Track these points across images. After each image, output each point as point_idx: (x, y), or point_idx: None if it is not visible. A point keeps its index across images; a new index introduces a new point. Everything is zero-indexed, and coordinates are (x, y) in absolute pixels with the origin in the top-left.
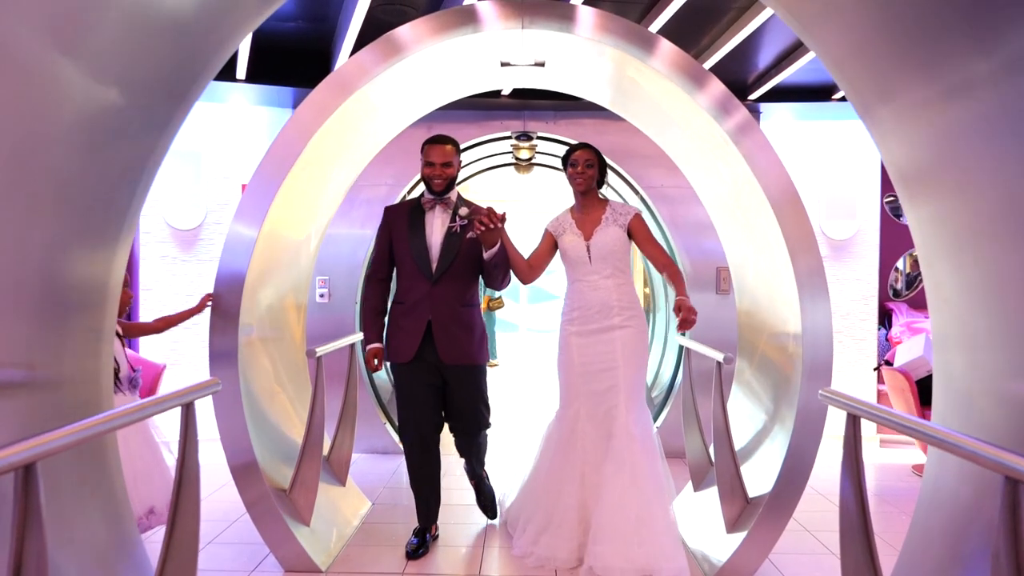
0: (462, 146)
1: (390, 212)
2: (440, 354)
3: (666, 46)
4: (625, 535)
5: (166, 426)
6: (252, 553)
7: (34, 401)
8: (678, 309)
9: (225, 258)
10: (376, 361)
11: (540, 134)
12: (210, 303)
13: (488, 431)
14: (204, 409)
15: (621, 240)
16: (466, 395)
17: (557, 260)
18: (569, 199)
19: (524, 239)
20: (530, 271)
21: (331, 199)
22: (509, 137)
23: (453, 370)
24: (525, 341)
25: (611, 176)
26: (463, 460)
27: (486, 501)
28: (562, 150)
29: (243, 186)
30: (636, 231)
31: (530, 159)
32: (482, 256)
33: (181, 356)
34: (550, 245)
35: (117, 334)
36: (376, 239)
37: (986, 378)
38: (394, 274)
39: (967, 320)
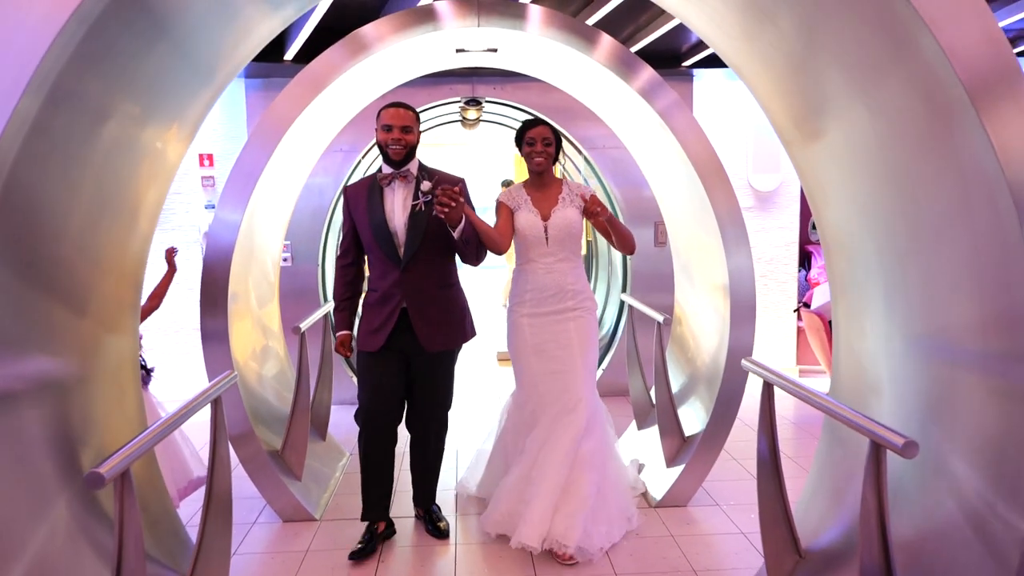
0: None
1: (349, 193)
2: (423, 343)
3: (605, 40)
4: (586, 501)
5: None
6: (251, 506)
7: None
8: (586, 212)
9: (212, 242)
10: (344, 347)
11: (488, 99)
12: (176, 254)
13: (447, 426)
14: (200, 374)
15: (577, 222)
16: (437, 378)
17: None
18: (509, 147)
19: (472, 184)
20: (502, 239)
21: (298, 179)
22: (458, 101)
23: (429, 355)
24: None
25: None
26: (413, 482)
27: (436, 529)
28: (508, 112)
29: (200, 156)
30: (592, 210)
31: (477, 119)
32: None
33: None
34: (509, 214)
35: None
36: (342, 222)
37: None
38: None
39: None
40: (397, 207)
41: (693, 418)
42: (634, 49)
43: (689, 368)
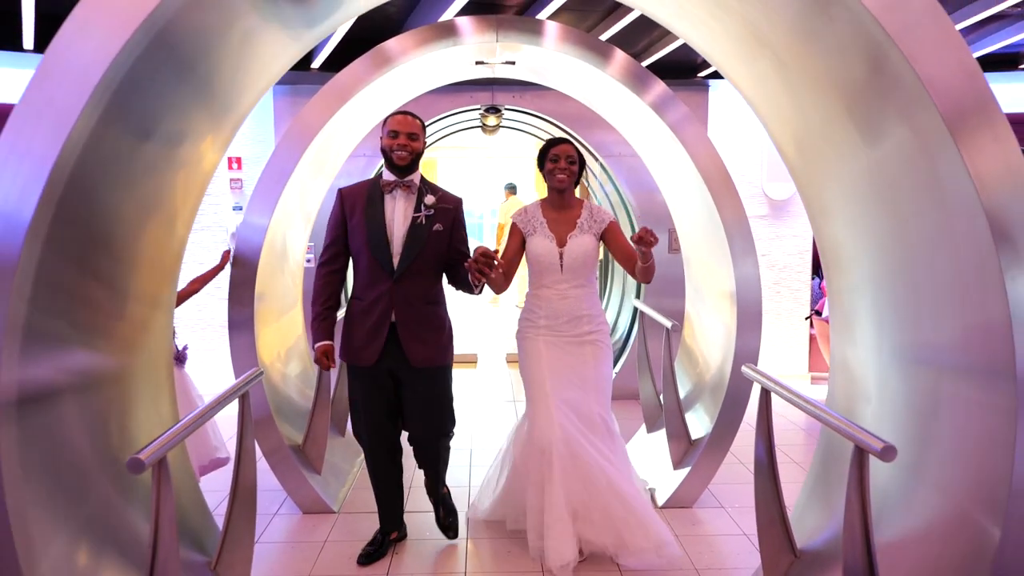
0: (435, 117)
1: (345, 195)
2: (409, 357)
3: (618, 55)
4: (611, 514)
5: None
6: (272, 498)
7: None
8: (638, 239)
9: (240, 243)
10: (327, 359)
11: (508, 107)
12: (229, 258)
13: (451, 439)
14: (225, 367)
15: (594, 249)
16: (431, 398)
17: None
18: (530, 154)
19: (489, 188)
20: (504, 282)
21: (324, 183)
22: (478, 108)
23: (418, 372)
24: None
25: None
26: (424, 474)
27: (447, 521)
28: (528, 119)
29: (229, 159)
30: (612, 238)
31: (497, 125)
32: (447, 252)
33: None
34: (519, 245)
35: None
36: (329, 224)
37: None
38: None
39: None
40: (398, 215)
41: (700, 422)
42: (650, 61)
43: (698, 373)
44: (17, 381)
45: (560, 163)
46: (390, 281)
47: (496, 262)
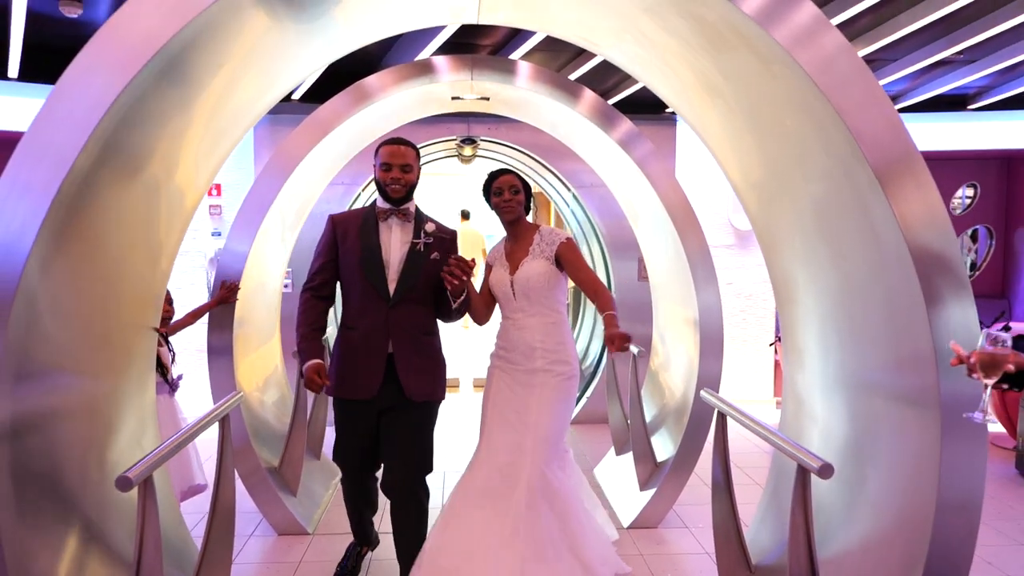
0: None
1: (337, 221)
2: (405, 390)
3: (587, 94)
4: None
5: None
6: (248, 520)
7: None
8: (610, 340)
9: (221, 269)
10: (319, 377)
11: (483, 138)
12: (233, 291)
13: (428, 490)
14: (201, 391)
15: (548, 274)
16: (418, 436)
17: None
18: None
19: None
20: (486, 312)
21: (302, 212)
22: (455, 139)
23: (410, 404)
24: None
25: (546, 175)
26: (397, 549)
27: None
28: (502, 150)
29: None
30: (565, 259)
31: (472, 155)
32: (441, 283)
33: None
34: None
35: (165, 337)
36: (318, 251)
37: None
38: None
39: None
40: (394, 242)
41: (666, 445)
42: (619, 97)
43: (663, 397)
44: (11, 403)
45: (504, 195)
46: (385, 309)
47: (471, 268)
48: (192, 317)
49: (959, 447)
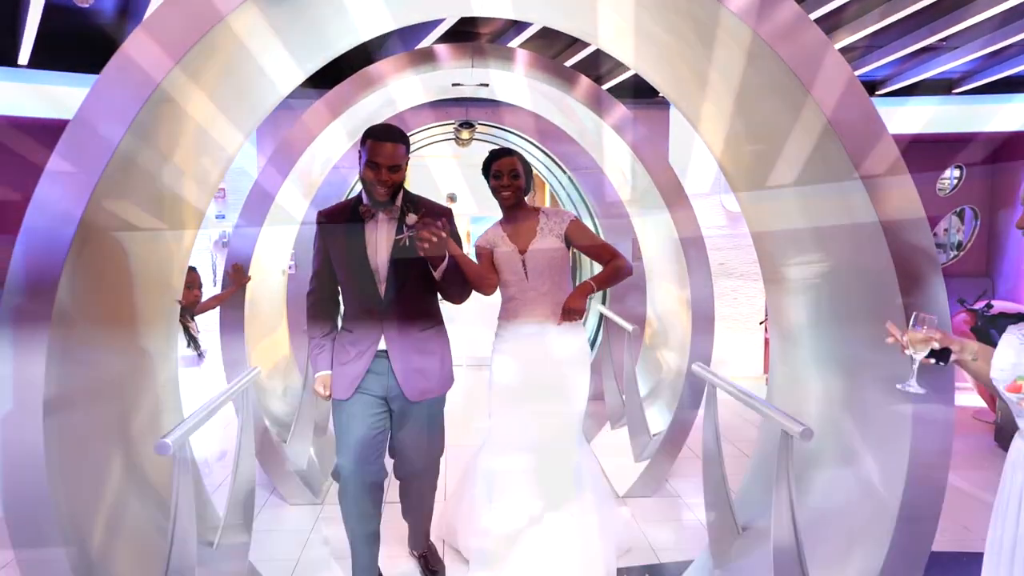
0: (411, 132)
1: (323, 224)
2: (403, 391)
3: (583, 81)
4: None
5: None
6: (260, 491)
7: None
8: (563, 310)
9: (232, 251)
10: (324, 389)
11: (481, 122)
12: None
13: (438, 472)
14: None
15: (559, 252)
16: (425, 428)
17: None
18: None
19: (470, 189)
20: (488, 279)
21: (307, 195)
22: (453, 123)
23: (413, 404)
24: None
25: (543, 157)
26: (407, 526)
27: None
28: (500, 134)
29: None
30: (574, 236)
31: (470, 138)
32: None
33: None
34: (489, 256)
35: (192, 316)
36: (313, 253)
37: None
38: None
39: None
40: (381, 241)
41: (660, 418)
42: (614, 82)
43: (658, 372)
44: (58, 376)
45: (503, 179)
46: (378, 310)
47: (440, 229)
48: (216, 301)
49: (928, 427)
